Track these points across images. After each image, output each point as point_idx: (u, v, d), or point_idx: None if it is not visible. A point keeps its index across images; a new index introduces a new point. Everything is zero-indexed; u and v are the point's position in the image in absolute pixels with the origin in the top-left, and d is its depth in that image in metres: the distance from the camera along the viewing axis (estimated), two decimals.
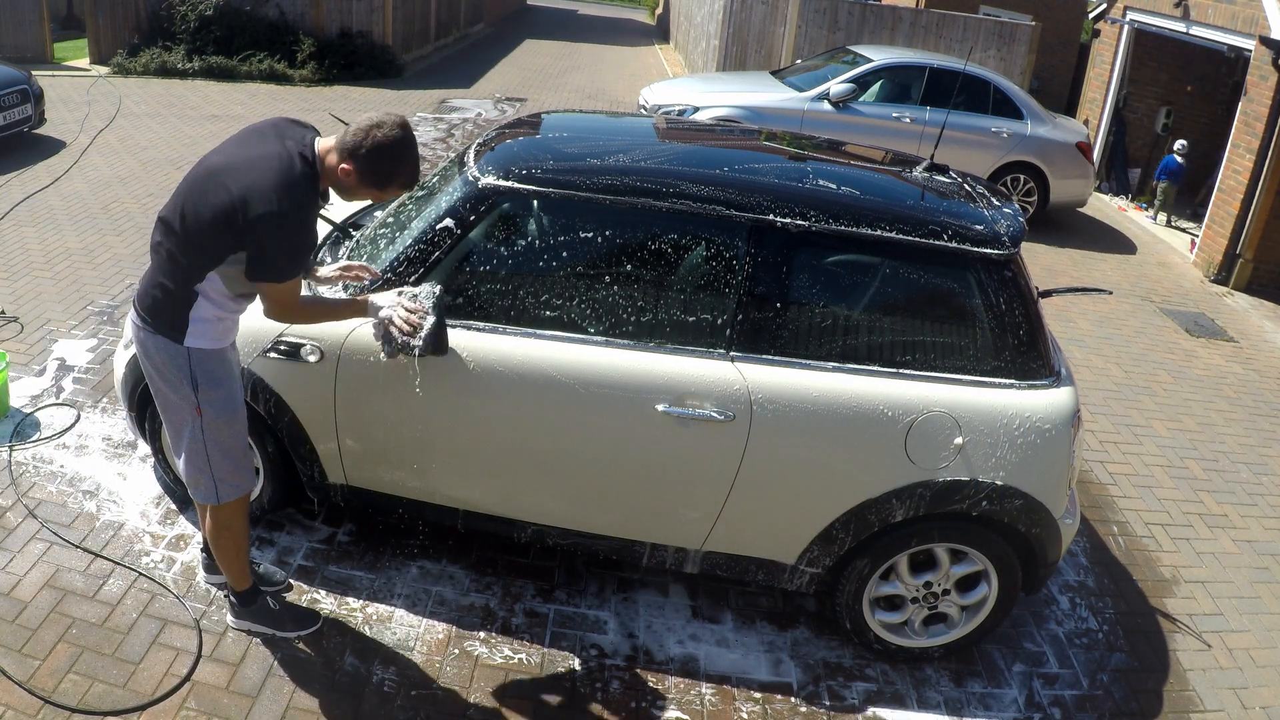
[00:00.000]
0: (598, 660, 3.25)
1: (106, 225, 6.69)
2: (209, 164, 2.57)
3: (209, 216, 2.48)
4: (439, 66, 15.81)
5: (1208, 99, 11.59)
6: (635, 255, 3.12)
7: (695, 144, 3.99)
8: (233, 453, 2.82)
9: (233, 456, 2.82)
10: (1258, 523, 4.68)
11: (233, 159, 2.54)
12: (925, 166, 3.65)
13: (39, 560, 3.37)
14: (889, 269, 3.11)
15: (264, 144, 2.56)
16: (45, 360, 4.74)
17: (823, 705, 3.20)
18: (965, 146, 8.77)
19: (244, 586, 3.04)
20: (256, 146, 2.56)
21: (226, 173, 2.50)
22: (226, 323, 2.73)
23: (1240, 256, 8.48)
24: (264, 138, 2.59)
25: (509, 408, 3.09)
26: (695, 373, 3.03)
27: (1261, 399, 6.18)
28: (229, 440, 2.80)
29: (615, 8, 34.03)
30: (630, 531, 3.28)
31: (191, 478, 2.83)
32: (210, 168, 2.55)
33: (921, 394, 3.04)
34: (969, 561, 3.23)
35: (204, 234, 2.51)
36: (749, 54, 13.71)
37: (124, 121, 9.75)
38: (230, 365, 2.79)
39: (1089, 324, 7.05)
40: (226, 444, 2.80)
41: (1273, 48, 8.03)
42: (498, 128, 3.76)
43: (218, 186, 2.48)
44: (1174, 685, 3.52)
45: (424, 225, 3.19)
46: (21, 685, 2.84)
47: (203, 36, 12.80)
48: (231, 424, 2.79)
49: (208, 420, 2.74)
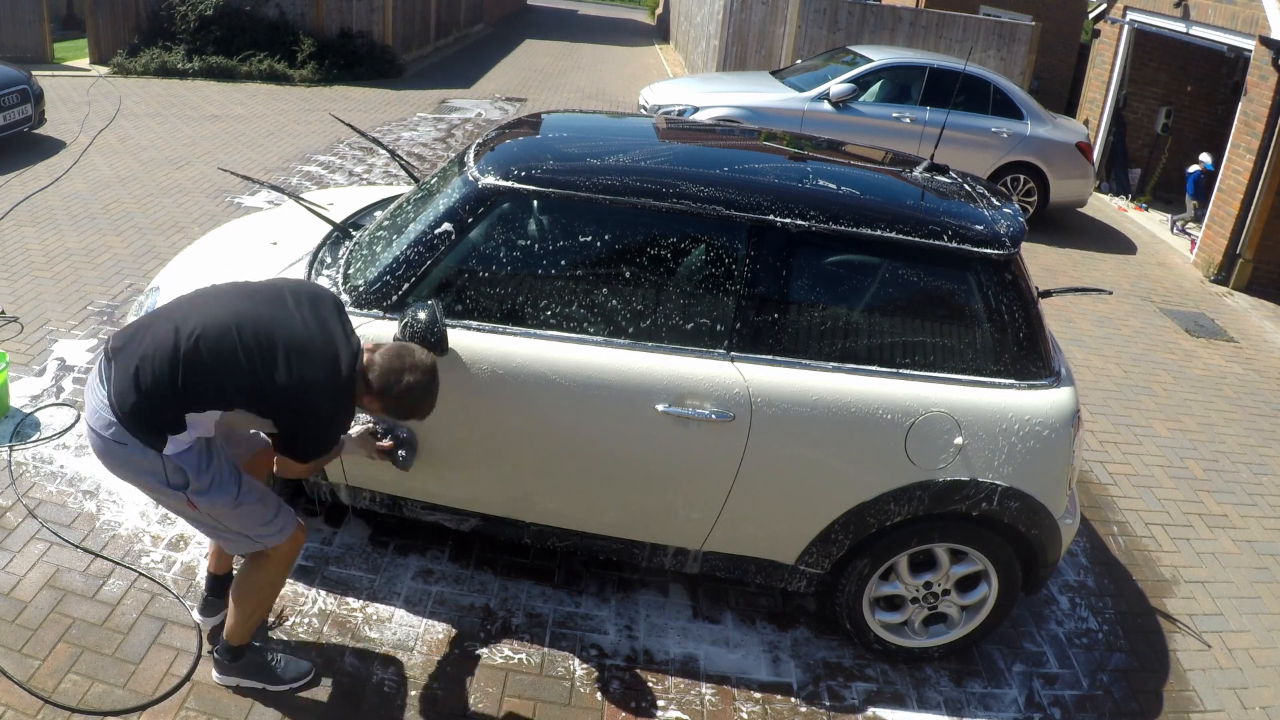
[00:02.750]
0: (598, 660, 3.25)
1: (106, 225, 6.69)
2: (272, 326, 2.44)
3: (258, 385, 2.43)
4: (439, 66, 15.80)
5: (1208, 99, 11.59)
6: (635, 255, 3.12)
7: (695, 144, 3.98)
8: (252, 513, 2.62)
9: (254, 514, 2.62)
10: (1258, 523, 4.68)
11: (303, 336, 2.45)
12: (925, 167, 3.65)
13: (39, 560, 3.37)
14: (889, 269, 3.11)
15: (331, 333, 2.50)
16: (45, 360, 4.74)
17: (823, 705, 3.20)
18: (965, 147, 8.76)
19: (241, 642, 2.84)
20: (323, 333, 2.49)
21: (294, 350, 2.43)
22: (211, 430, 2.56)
23: (1240, 256, 8.47)
24: (328, 323, 2.52)
25: (509, 408, 3.09)
26: (695, 373, 3.03)
27: (1261, 399, 6.18)
28: (242, 511, 2.61)
29: (615, 8, 34.03)
30: (630, 532, 3.28)
31: (224, 545, 2.74)
32: (271, 333, 2.44)
33: (921, 394, 3.04)
34: (969, 562, 3.23)
35: (238, 390, 2.44)
36: (749, 54, 13.70)
37: (124, 121, 9.75)
38: (214, 446, 2.58)
39: (1089, 324, 7.05)
40: (241, 513, 2.61)
41: (1273, 48, 8.03)
42: (498, 128, 3.76)
43: (276, 361, 2.42)
44: (1174, 685, 3.52)
45: (424, 226, 3.19)
46: (21, 685, 2.84)
47: (203, 36, 12.80)
48: (235, 505, 2.58)
49: (204, 509, 2.56)
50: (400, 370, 2.55)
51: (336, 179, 8.41)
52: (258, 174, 8.15)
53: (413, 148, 9.86)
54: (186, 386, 2.42)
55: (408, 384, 2.55)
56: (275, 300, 2.55)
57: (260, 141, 9.45)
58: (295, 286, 2.64)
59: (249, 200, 7.52)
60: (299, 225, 3.91)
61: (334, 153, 9.23)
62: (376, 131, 10.28)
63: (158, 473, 2.49)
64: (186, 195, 7.52)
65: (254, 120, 10.36)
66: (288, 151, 9.14)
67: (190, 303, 2.57)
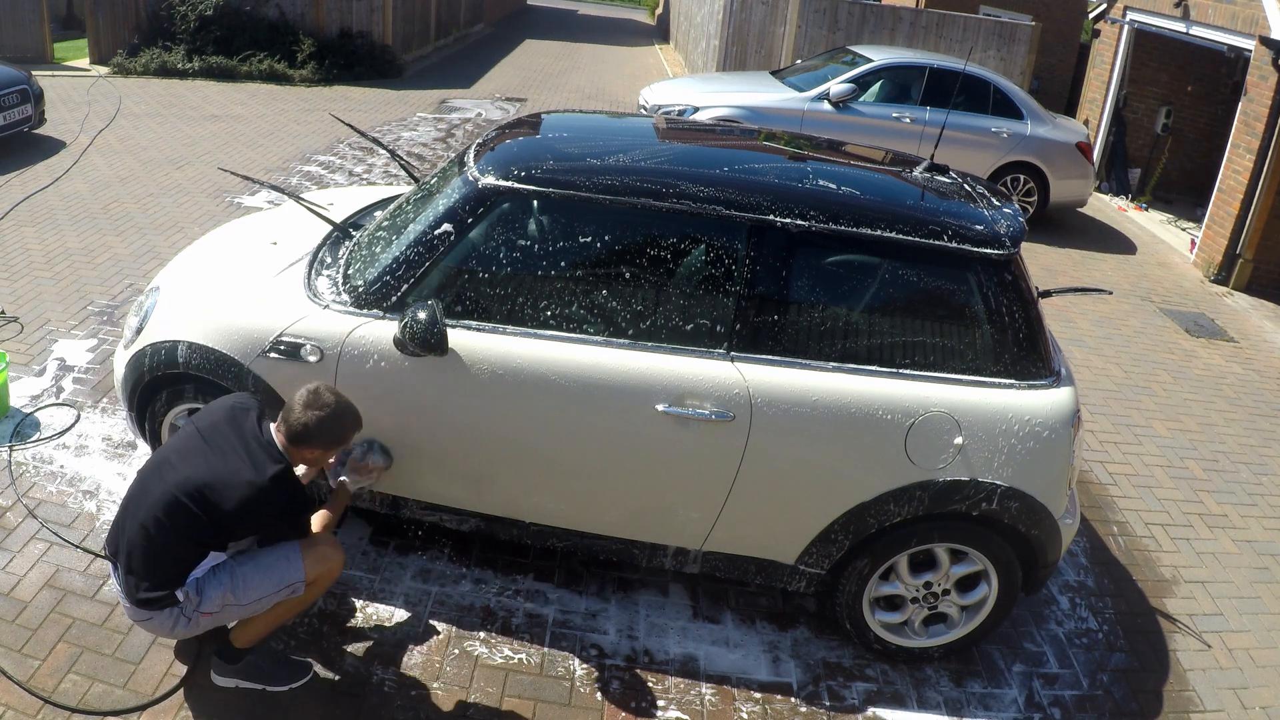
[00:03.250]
0: (598, 660, 3.25)
1: (106, 225, 6.69)
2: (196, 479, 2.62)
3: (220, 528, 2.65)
4: (439, 66, 15.80)
5: (1208, 99, 11.58)
6: (635, 255, 3.12)
7: (695, 144, 3.98)
8: (266, 580, 2.75)
9: (274, 574, 2.76)
10: (1258, 523, 4.68)
11: (218, 474, 2.62)
12: (925, 167, 3.65)
13: (39, 560, 3.37)
14: (889, 269, 3.11)
15: (233, 453, 2.67)
16: (45, 360, 4.74)
17: (823, 705, 3.20)
18: (965, 147, 8.76)
19: (245, 646, 2.89)
20: (225, 459, 2.65)
21: (217, 488, 2.61)
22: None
23: (1240, 256, 8.47)
24: (231, 447, 2.68)
25: (509, 408, 3.08)
26: (695, 373, 3.03)
27: (1261, 399, 6.18)
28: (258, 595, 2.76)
29: (615, 8, 34.02)
30: (630, 532, 3.28)
31: (264, 609, 2.83)
32: (200, 484, 2.61)
33: (921, 394, 3.04)
34: (969, 561, 3.23)
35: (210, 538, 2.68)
36: (749, 54, 13.70)
37: (124, 121, 9.75)
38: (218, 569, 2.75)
39: (1089, 324, 7.05)
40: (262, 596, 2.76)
41: (1273, 48, 8.03)
42: (498, 128, 3.76)
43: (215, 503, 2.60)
44: (1174, 685, 3.52)
45: (424, 226, 3.19)
46: (21, 685, 2.84)
47: (203, 36, 12.79)
48: (252, 605, 2.76)
49: (220, 618, 2.77)
50: (305, 421, 2.71)
51: (336, 179, 8.41)
52: (258, 174, 8.15)
53: (413, 148, 9.86)
54: (175, 558, 2.66)
55: (319, 421, 2.71)
56: (191, 451, 2.71)
57: (260, 141, 9.45)
58: (207, 424, 2.78)
59: (249, 200, 7.52)
60: (299, 225, 3.91)
61: (334, 153, 9.23)
62: (376, 131, 10.28)
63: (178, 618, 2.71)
64: (186, 195, 7.52)
65: (254, 120, 10.36)
66: (288, 151, 9.14)
67: (139, 491, 2.72)
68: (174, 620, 2.69)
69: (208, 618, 2.73)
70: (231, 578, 2.71)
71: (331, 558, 2.85)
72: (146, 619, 2.70)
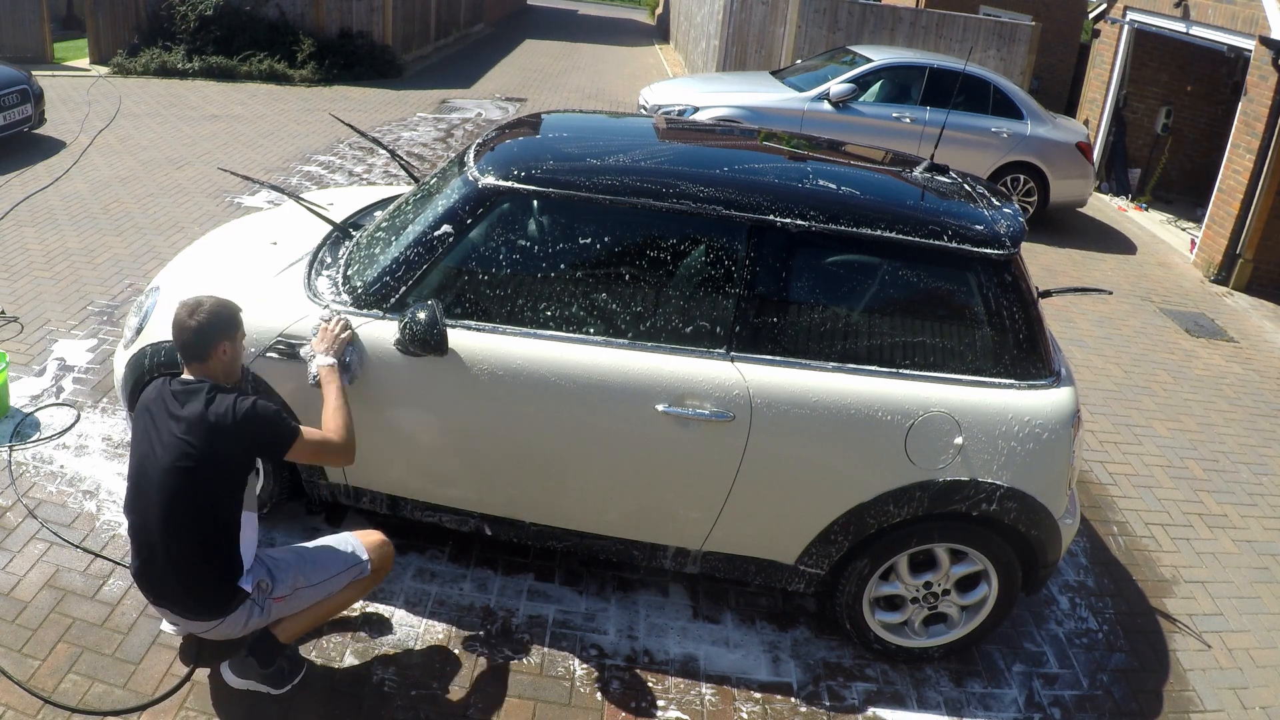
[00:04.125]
0: (598, 660, 3.25)
1: (106, 225, 6.69)
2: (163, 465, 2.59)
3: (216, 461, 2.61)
4: (439, 66, 15.80)
5: (1208, 99, 11.59)
6: (635, 255, 3.12)
7: (695, 144, 3.98)
8: (334, 558, 2.82)
9: (338, 553, 2.82)
10: (1258, 523, 4.68)
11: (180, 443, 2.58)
12: (925, 167, 3.65)
13: (39, 560, 3.37)
14: (889, 269, 3.11)
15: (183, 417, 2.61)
16: (45, 360, 4.74)
17: (823, 705, 3.20)
18: (965, 146, 8.76)
19: (290, 639, 2.89)
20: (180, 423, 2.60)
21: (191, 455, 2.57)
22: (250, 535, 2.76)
23: (1240, 256, 8.47)
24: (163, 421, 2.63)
25: (509, 408, 3.08)
26: (695, 373, 3.03)
27: (1261, 399, 6.18)
28: (327, 573, 2.82)
29: (615, 8, 34.02)
30: (630, 532, 3.28)
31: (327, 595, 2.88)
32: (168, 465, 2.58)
33: (921, 394, 3.04)
34: (969, 562, 3.23)
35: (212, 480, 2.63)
36: (749, 54, 13.70)
37: (124, 121, 9.75)
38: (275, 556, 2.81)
39: (1089, 324, 7.05)
40: (331, 575, 2.82)
41: (1273, 48, 8.03)
42: (497, 128, 3.76)
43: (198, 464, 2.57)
44: (1174, 685, 3.52)
45: (424, 226, 3.19)
46: (21, 685, 2.84)
47: (203, 36, 12.80)
48: (322, 585, 2.82)
49: (291, 603, 2.80)
50: (193, 326, 2.64)
51: (336, 179, 8.41)
52: (258, 174, 8.15)
53: (413, 148, 9.86)
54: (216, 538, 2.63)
55: (206, 316, 2.65)
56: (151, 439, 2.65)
57: (260, 141, 9.45)
58: (146, 410, 2.71)
59: (249, 200, 7.52)
60: (299, 225, 3.91)
61: (334, 153, 9.23)
62: (376, 131, 10.28)
63: (252, 609, 2.73)
64: (186, 195, 7.52)
65: (254, 120, 10.36)
66: (288, 151, 9.14)
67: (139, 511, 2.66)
68: (247, 614, 2.70)
69: (280, 602, 2.75)
70: (299, 559, 2.78)
71: (385, 545, 2.97)
72: (217, 624, 2.70)
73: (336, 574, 2.82)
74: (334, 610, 2.92)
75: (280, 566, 2.75)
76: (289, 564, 2.77)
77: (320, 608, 2.87)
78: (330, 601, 2.88)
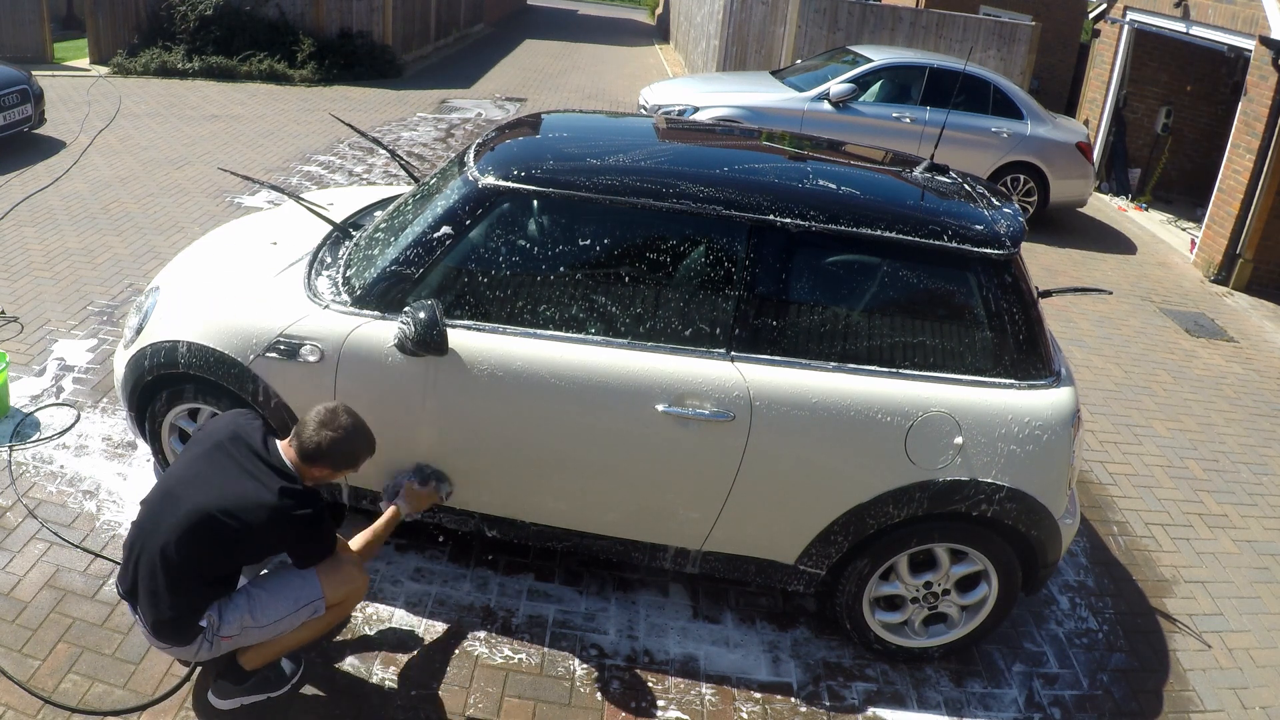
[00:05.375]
0: (598, 660, 3.25)
1: (106, 225, 6.68)
2: (201, 506, 2.57)
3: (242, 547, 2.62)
4: (439, 66, 15.80)
5: (1208, 99, 11.58)
6: (635, 255, 3.12)
7: (695, 144, 3.98)
8: (282, 601, 2.73)
9: (289, 595, 2.73)
10: (1258, 523, 4.68)
11: (234, 497, 2.58)
12: (925, 167, 3.65)
13: (39, 560, 3.37)
14: (889, 269, 3.11)
15: (246, 476, 2.62)
16: (45, 360, 4.74)
17: (823, 705, 3.20)
18: (965, 146, 8.76)
19: (255, 667, 2.84)
20: (240, 483, 2.61)
21: (236, 511, 2.57)
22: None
23: (1240, 256, 8.47)
24: (243, 470, 2.63)
25: (509, 408, 3.08)
26: (695, 373, 3.03)
27: (1261, 399, 6.18)
28: (275, 616, 2.73)
29: (615, 8, 34.01)
30: (630, 532, 3.28)
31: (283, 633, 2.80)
32: (206, 510, 2.57)
33: (921, 394, 3.04)
34: (969, 561, 3.23)
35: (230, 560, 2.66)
36: (749, 54, 13.70)
37: (124, 121, 9.75)
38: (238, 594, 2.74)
39: (1089, 324, 7.05)
40: (280, 618, 2.74)
41: (1273, 48, 8.03)
42: (497, 128, 3.76)
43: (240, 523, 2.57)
44: (1174, 685, 3.52)
45: (424, 226, 3.19)
46: (21, 685, 2.84)
47: (203, 36, 12.79)
48: (271, 627, 2.73)
49: (240, 640, 2.73)
50: (318, 440, 2.67)
51: (336, 179, 8.41)
52: (258, 174, 8.15)
53: (413, 148, 9.86)
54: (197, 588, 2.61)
55: (332, 441, 2.67)
56: (198, 477, 2.65)
57: (260, 141, 9.45)
58: (211, 445, 2.72)
59: (249, 200, 7.52)
60: (299, 225, 3.91)
61: (334, 153, 9.23)
62: (376, 131, 10.28)
63: (202, 644, 2.69)
64: (186, 195, 7.52)
65: (254, 120, 10.35)
66: (288, 151, 9.13)
67: (150, 523, 2.65)
68: (198, 646, 2.67)
69: (228, 641, 2.69)
70: (249, 600, 2.69)
71: (355, 579, 2.82)
72: (171, 649, 2.68)
73: (286, 616, 2.72)
74: (297, 643, 2.83)
75: (228, 606, 2.68)
76: (237, 605, 2.68)
77: (277, 643, 2.79)
78: (288, 636, 2.79)
